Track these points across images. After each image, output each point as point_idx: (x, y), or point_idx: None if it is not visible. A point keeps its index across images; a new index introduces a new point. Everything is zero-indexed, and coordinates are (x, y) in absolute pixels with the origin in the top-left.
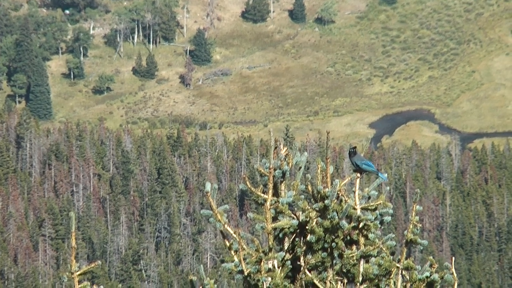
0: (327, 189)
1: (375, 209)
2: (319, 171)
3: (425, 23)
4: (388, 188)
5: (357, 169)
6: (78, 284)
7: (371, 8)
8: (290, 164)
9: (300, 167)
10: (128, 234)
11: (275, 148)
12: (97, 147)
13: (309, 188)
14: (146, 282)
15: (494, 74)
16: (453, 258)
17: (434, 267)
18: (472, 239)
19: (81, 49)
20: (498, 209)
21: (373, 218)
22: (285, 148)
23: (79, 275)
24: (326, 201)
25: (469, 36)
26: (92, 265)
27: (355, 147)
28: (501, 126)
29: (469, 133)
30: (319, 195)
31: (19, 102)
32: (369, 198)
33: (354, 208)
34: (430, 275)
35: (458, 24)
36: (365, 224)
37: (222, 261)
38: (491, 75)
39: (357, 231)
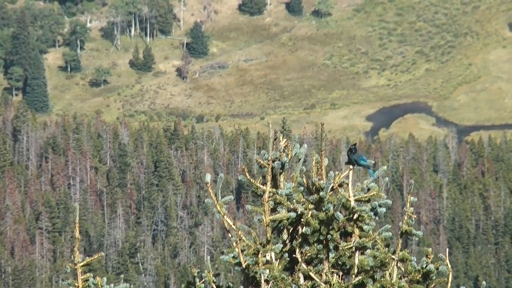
0: (322, 181)
1: (369, 200)
2: (314, 163)
3: (422, 15)
4: (387, 179)
5: (353, 163)
6: (82, 275)
7: (368, 0)
8: (289, 156)
9: (300, 159)
10: (125, 227)
11: (275, 139)
12: (94, 140)
13: (305, 180)
14: (143, 275)
15: (491, 67)
16: (447, 249)
17: (429, 258)
18: (469, 232)
19: (78, 42)
20: (495, 202)
21: (368, 209)
22: (285, 140)
23: (82, 266)
24: (321, 193)
25: (466, 29)
26: (96, 256)
27: (355, 144)
28: (498, 119)
29: (466, 126)
30: (314, 187)
31: (16, 95)
32: (368, 190)
33: (348, 200)
34: (426, 266)
35: (455, 17)
36: (359, 216)
37: (223, 253)
38: (488, 68)
39: (352, 223)
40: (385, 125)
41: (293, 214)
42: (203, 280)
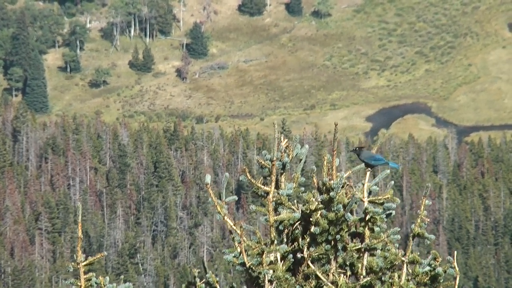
0: (332, 181)
1: (383, 203)
2: (325, 163)
3: (422, 16)
4: (392, 183)
5: (367, 165)
6: (84, 275)
7: (368, 1)
8: (291, 156)
9: (301, 159)
10: (125, 228)
11: (277, 139)
12: (93, 140)
13: (314, 180)
14: (142, 275)
15: (490, 67)
16: (455, 252)
17: (438, 261)
18: (469, 232)
19: (78, 42)
20: (495, 203)
21: (380, 211)
22: (286, 140)
23: (85, 265)
24: (331, 193)
25: (466, 30)
26: (98, 256)
27: (362, 147)
28: (498, 119)
29: (466, 127)
30: (324, 187)
31: (16, 95)
32: (370, 192)
33: (362, 201)
34: (434, 269)
35: (454, 18)
36: (371, 217)
37: (224, 254)
38: (488, 68)
39: (363, 224)
40: (385, 126)
41: (297, 215)
42: (203, 280)
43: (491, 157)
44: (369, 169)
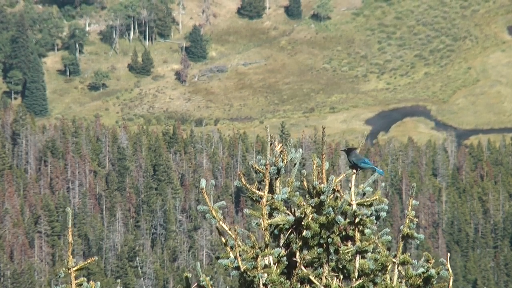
0: (322, 185)
1: (371, 204)
2: (314, 167)
3: (421, 19)
4: (383, 184)
5: (354, 166)
6: (75, 280)
7: (367, 4)
8: (285, 161)
9: (295, 164)
10: (124, 231)
11: (271, 144)
12: (93, 143)
13: (305, 184)
14: (142, 278)
15: (490, 70)
16: (449, 254)
17: (430, 263)
18: (468, 235)
19: (77, 45)
20: (494, 206)
21: (369, 213)
22: (280, 145)
23: (75, 270)
24: (322, 197)
25: (465, 33)
26: (89, 260)
27: (353, 148)
28: (497, 123)
29: (465, 130)
30: (314, 191)
31: (15, 98)
32: (364, 194)
33: (350, 204)
34: (427, 271)
35: (454, 21)
36: (361, 219)
37: (218, 258)
38: (487, 71)
39: (353, 227)
40: (384, 129)
41: (291, 218)
42: (202, 283)
43: (490, 160)
44: (355, 170)
